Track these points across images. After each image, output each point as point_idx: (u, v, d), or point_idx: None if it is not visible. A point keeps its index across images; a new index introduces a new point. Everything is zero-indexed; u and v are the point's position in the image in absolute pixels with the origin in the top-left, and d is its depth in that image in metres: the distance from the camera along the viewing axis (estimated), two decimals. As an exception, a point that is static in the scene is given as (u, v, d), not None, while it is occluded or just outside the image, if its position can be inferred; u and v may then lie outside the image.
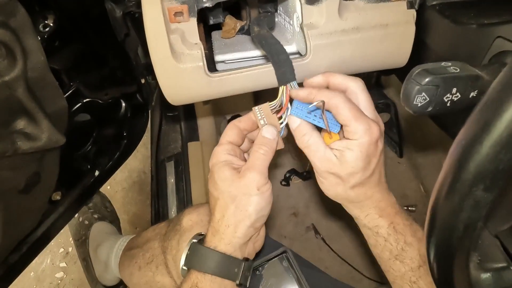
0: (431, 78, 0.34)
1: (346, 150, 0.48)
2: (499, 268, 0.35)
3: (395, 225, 0.52)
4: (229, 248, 0.51)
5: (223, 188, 0.51)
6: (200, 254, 0.52)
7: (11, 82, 0.56)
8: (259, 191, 0.50)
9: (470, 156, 0.25)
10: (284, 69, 0.50)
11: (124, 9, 0.77)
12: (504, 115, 0.23)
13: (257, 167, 0.51)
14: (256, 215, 0.51)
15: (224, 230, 0.51)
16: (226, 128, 0.55)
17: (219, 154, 0.53)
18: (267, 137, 0.52)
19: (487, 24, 0.45)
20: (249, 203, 0.50)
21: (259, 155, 0.51)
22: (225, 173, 0.51)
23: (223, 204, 0.51)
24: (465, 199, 0.27)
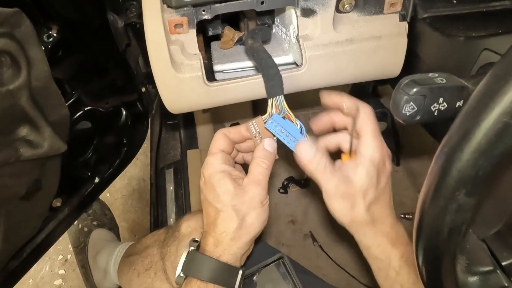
0: (419, 88, 0.36)
1: (358, 166, 0.49)
2: (486, 272, 0.36)
3: (407, 257, 0.51)
4: (232, 258, 0.52)
5: (226, 201, 0.50)
6: (200, 262, 0.52)
7: (15, 91, 0.58)
8: (261, 203, 0.51)
9: (452, 163, 0.27)
10: (273, 83, 0.51)
11: (126, 20, 0.79)
12: (482, 124, 0.25)
13: (261, 182, 0.51)
14: (260, 228, 0.52)
15: (228, 242, 0.51)
16: (214, 137, 0.54)
17: (214, 164, 0.52)
18: (268, 150, 0.53)
19: (474, 36, 0.46)
20: (255, 217, 0.51)
21: (262, 170, 0.51)
22: (227, 186, 0.50)
23: (228, 217, 0.51)
24: (449, 204, 0.28)
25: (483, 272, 0.36)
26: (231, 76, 0.63)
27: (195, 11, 0.52)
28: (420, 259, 0.34)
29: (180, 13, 0.52)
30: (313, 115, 1.21)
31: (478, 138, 0.25)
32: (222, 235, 0.51)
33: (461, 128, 0.26)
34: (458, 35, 0.48)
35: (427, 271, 0.34)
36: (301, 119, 0.55)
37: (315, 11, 0.54)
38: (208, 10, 0.52)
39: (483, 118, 0.24)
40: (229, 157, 0.54)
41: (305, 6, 0.54)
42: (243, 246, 0.52)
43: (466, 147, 0.25)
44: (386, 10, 0.56)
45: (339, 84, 0.61)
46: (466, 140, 0.25)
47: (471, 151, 0.25)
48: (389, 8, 0.56)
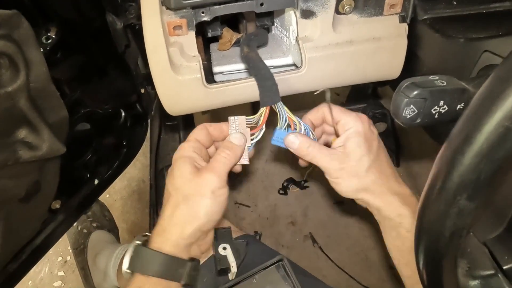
0: (419, 91, 0.35)
1: (346, 141, 0.52)
2: (487, 276, 0.36)
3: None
4: (174, 249, 0.50)
5: (178, 184, 0.50)
6: (144, 257, 0.50)
7: (14, 93, 0.58)
8: (213, 194, 0.49)
9: (453, 166, 0.27)
10: (268, 93, 0.52)
11: (125, 21, 0.78)
12: (484, 128, 0.24)
13: (216, 169, 0.50)
14: (206, 218, 0.50)
15: (170, 228, 0.50)
16: (195, 128, 0.55)
17: (184, 150, 0.52)
18: (233, 142, 0.53)
19: (475, 38, 0.46)
20: (201, 205, 0.49)
21: (220, 158, 0.51)
22: (184, 169, 0.50)
23: (175, 201, 0.50)
24: (450, 207, 0.28)
25: (484, 276, 0.36)
26: (231, 77, 0.63)
27: (194, 13, 0.52)
28: (420, 262, 0.34)
29: (179, 15, 0.51)
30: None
31: (480, 142, 0.25)
32: (166, 220, 0.51)
33: (462, 132, 0.26)
34: (458, 37, 0.48)
35: (428, 275, 0.34)
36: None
37: (314, 13, 0.54)
38: (207, 12, 0.52)
39: (485, 122, 0.24)
40: (202, 148, 0.54)
41: (305, 7, 0.54)
42: (187, 236, 0.50)
43: (468, 151, 0.25)
44: (386, 11, 0.56)
45: (339, 85, 0.61)
46: (467, 144, 0.25)
47: (473, 155, 0.25)
48: (389, 10, 0.56)
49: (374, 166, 0.52)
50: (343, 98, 1.40)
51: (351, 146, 0.52)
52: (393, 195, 0.53)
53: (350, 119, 0.53)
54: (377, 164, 0.53)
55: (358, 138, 0.52)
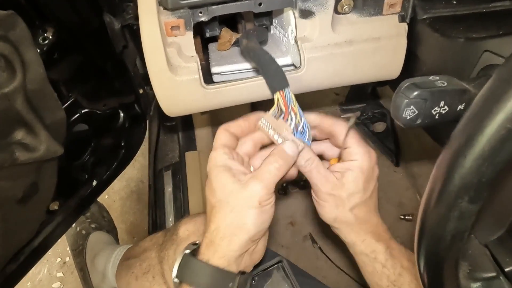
0: (419, 91, 0.35)
1: (347, 171, 0.50)
2: (489, 278, 0.36)
3: (391, 250, 0.52)
4: (223, 262, 0.48)
5: (221, 196, 0.48)
6: (192, 268, 0.50)
7: (10, 94, 0.57)
8: (260, 204, 0.47)
9: (455, 169, 0.26)
10: (276, 77, 0.50)
11: (123, 22, 0.78)
12: (486, 130, 0.24)
13: (265, 180, 0.47)
14: (255, 230, 0.48)
15: (219, 242, 0.48)
16: (217, 133, 0.52)
17: (216, 158, 0.49)
18: (287, 152, 0.48)
19: (475, 38, 0.46)
20: (248, 216, 0.47)
21: (272, 169, 0.47)
22: (223, 180, 0.47)
23: (220, 213, 0.48)
24: (451, 210, 0.27)
25: (485, 278, 0.35)
26: (229, 78, 0.62)
27: (192, 13, 0.51)
28: (421, 265, 0.33)
29: (177, 15, 0.51)
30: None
31: (481, 144, 0.24)
32: (213, 233, 0.49)
33: (463, 133, 0.26)
34: (458, 37, 0.48)
35: (429, 278, 0.34)
36: None
37: (313, 13, 0.54)
38: (205, 12, 0.52)
39: (487, 124, 0.24)
40: (232, 152, 0.51)
41: (303, 7, 0.53)
42: (236, 248, 0.48)
43: (469, 154, 0.25)
44: (385, 11, 0.56)
45: (338, 86, 0.61)
46: (469, 146, 0.25)
47: (474, 157, 0.25)
48: (388, 9, 0.56)
49: (362, 206, 0.52)
50: (342, 97, 1.40)
51: (349, 179, 0.50)
52: (367, 233, 0.53)
53: (359, 151, 0.51)
54: (366, 205, 0.52)
55: (359, 175, 0.50)
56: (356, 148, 0.51)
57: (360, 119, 1.34)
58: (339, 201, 0.51)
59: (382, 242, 0.53)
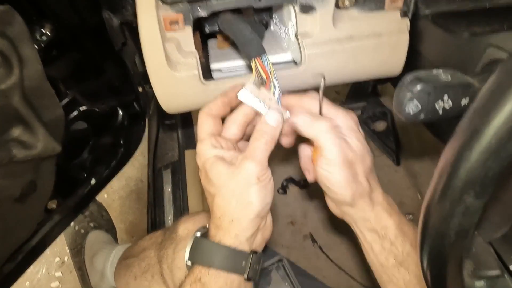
0: (423, 85, 0.34)
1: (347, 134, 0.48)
2: (493, 276, 0.35)
3: (402, 226, 0.50)
4: (235, 241, 0.48)
5: (219, 183, 0.47)
6: (203, 248, 0.49)
7: (7, 91, 0.57)
8: (259, 180, 0.46)
9: (460, 163, 0.25)
10: (251, 43, 0.49)
11: (122, 19, 0.77)
12: (492, 123, 0.23)
13: (257, 157, 0.47)
14: (261, 205, 0.47)
15: (227, 225, 0.48)
16: (199, 120, 0.50)
17: (204, 151, 0.49)
18: (270, 124, 0.48)
19: (479, 33, 0.45)
20: (251, 194, 0.46)
21: (260, 145, 0.47)
22: (218, 168, 0.47)
23: (222, 200, 0.48)
24: (456, 206, 0.27)
25: (490, 277, 0.35)
26: (229, 74, 0.61)
27: (191, 8, 0.51)
28: (425, 263, 0.33)
29: (176, 9, 0.50)
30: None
31: (488, 137, 0.23)
32: (220, 219, 0.48)
33: (469, 126, 0.25)
34: (462, 32, 0.47)
35: (432, 276, 0.33)
36: None
37: (314, 8, 0.53)
38: (204, 7, 0.51)
39: (493, 117, 0.23)
40: (218, 139, 0.50)
41: (304, 2, 0.53)
42: (246, 228, 0.48)
43: (475, 147, 0.24)
44: (387, 6, 0.55)
45: (339, 82, 0.60)
46: (475, 140, 0.24)
47: (481, 151, 0.24)
48: (390, 4, 0.55)
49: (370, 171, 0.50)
50: (342, 96, 1.39)
51: (353, 142, 0.48)
52: (379, 205, 0.50)
53: (339, 114, 0.49)
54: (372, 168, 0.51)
55: (357, 134, 0.48)
56: (334, 112, 0.49)
57: (360, 118, 1.34)
58: (355, 169, 0.48)
59: (393, 217, 0.50)
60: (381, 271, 0.52)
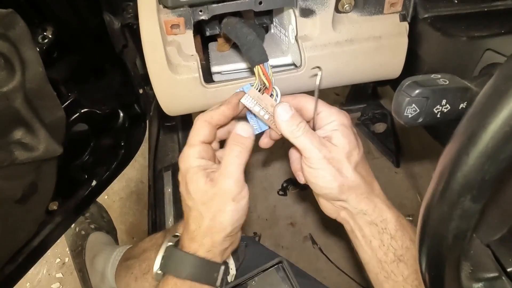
0: (421, 90, 0.35)
1: (332, 132, 0.49)
2: (491, 278, 0.35)
3: (401, 219, 0.50)
4: (208, 254, 0.49)
5: (196, 198, 0.48)
6: (178, 259, 0.49)
7: (9, 93, 0.57)
8: (234, 201, 0.47)
9: (457, 167, 0.26)
10: (255, 49, 0.49)
11: (122, 21, 0.78)
12: (489, 127, 0.24)
13: (231, 174, 0.47)
14: (232, 227, 0.48)
15: (201, 239, 0.49)
16: (195, 125, 0.49)
17: (190, 158, 0.48)
18: (241, 135, 0.48)
19: (477, 36, 0.46)
20: (224, 216, 0.47)
21: (233, 160, 0.47)
22: (198, 183, 0.47)
23: (198, 215, 0.48)
24: (454, 209, 0.27)
25: (488, 279, 0.35)
26: (229, 77, 0.62)
27: (192, 12, 0.51)
28: (423, 265, 0.33)
29: (177, 13, 0.51)
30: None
31: (485, 141, 0.24)
32: (194, 232, 0.49)
33: (467, 131, 0.25)
34: (460, 35, 0.47)
35: (431, 278, 0.34)
36: None
37: (314, 11, 0.54)
38: (205, 11, 0.51)
39: (490, 121, 0.23)
40: (208, 149, 0.50)
41: (304, 6, 0.53)
42: (218, 244, 0.49)
43: (472, 151, 0.24)
44: (386, 10, 0.56)
45: (339, 85, 0.60)
46: (472, 144, 0.24)
47: (477, 155, 0.24)
48: (389, 8, 0.55)
49: (362, 163, 0.50)
50: (342, 98, 1.39)
51: (339, 138, 0.48)
52: (377, 197, 0.50)
53: (333, 111, 0.50)
54: (365, 163, 0.51)
55: (346, 130, 0.49)
56: (329, 110, 0.50)
57: (360, 119, 1.34)
58: (340, 164, 0.47)
59: (392, 210, 0.50)
60: (379, 267, 0.51)
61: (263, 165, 1.33)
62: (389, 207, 0.51)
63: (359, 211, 0.50)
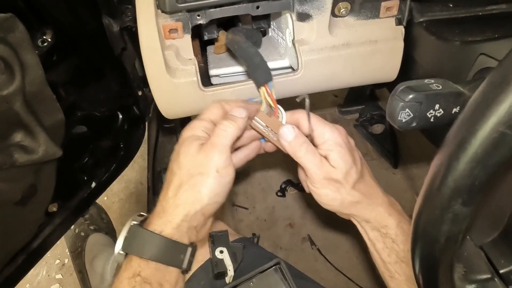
0: (414, 95, 0.35)
1: (328, 153, 0.49)
2: (484, 280, 0.36)
3: (403, 224, 0.52)
4: (176, 232, 0.47)
5: (183, 163, 0.47)
6: (141, 238, 0.47)
7: (9, 96, 0.57)
8: (218, 173, 0.46)
9: (448, 172, 0.26)
10: (260, 70, 0.50)
11: (121, 24, 0.78)
12: (478, 133, 0.24)
13: (218, 145, 0.46)
14: (208, 200, 0.47)
15: (172, 210, 0.47)
16: (210, 105, 0.51)
17: (194, 129, 0.49)
18: (234, 114, 0.49)
19: (470, 41, 0.46)
20: (204, 184, 0.46)
21: (222, 132, 0.47)
22: (190, 148, 0.47)
23: (179, 181, 0.47)
24: (445, 213, 0.28)
25: (480, 280, 0.36)
26: (227, 80, 0.62)
27: (190, 16, 0.52)
28: (417, 267, 0.33)
29: (175, 18, 0.51)
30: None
31: (474, 147, 0.24)
32: (169, 200, 0.47)
33: (456, 137, 0.26)
34: (454, 40, 0.48)
35: (424, 280, 0.34)
36: None
37: (310, 16, 0.54)
38: (203, 15, 0.52)
39: (479, 128, 0.24)
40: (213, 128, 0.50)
41: (301, 10, 0.54)
42: (190, 219, 0.47)
43: (462, 157, 0.25)
44: (382, 14, 0.56)
45: (336, 88, 0.61)
46: (462, 150, 0.25)
47: (467, 160, 0.25)
48: (385, 12, 0.56)
49: (361, 180, 0.51)
50: (341, 99, 1.40)
51: (336, 159, 0.49)
52: (379, 206, 0.52)
53: (326, 129, 0.50)
54: (364, 177, 0.52)
55: (341, 150, 0.49)
56: (322, 128, 0.50)
57: (358, 121, 1.35)
58: (338, 184, 0.49)
59: (393, 216, 0.52)
60: (384, 267, 0.54)
61: (262, 166, 1.34)
62: (390, 214, 0.52)
63: (362, 219, 0.53)
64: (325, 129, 0.50)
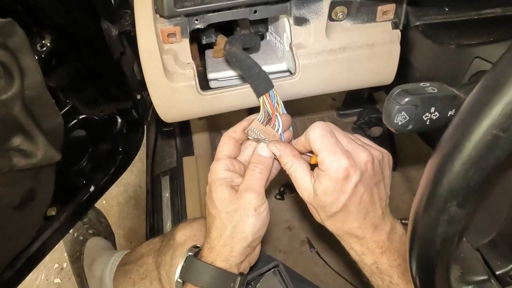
0: (410, 98, 0.36)
1: (316, 180, 0.47)
2: (480, 281, 0.36)
3: (379, 265, 0.50)
4: (225, 265, 0.52)
5: (220, 208, 0.51)
6: (196, 268, 0.53)
7: (8, 101, 0.58)
8: (256, 212, 0.50)
9: (443, 174, 0.27)
10: (259, 80, 0.51)
11: (120, 28, 0.79)
12: (472, 136, 0.25)
13: (254, 187, 0.50)
14: (253, 237, 0.51)
15: (220, 249, 0.51)
16: (221, 141, 0.53)
17: (218, 171, 0.52)
18: (262, 155, 0.52)
19: (466, 44, 0.47)
20: (246, 225, 0.50)
21: (256, 175, 0.51)
22: (223, 193, 0.51)
23: (220, 224, 0.51)
24: (441, 215, 0.28)
25: (477, 282, 0.36)
26: (226, 84, 0.63)
27: (188, 21, 0.52)
28: (413, 269, 0.34)
29: (173, 22, 0.52)
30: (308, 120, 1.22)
31: (468, 150, 0.25)
32: (214, 241, 0.52)
33: (451, 139, 0.26)
34: (449, 43, 0.49)
35: (421, 281, 0.34)
36: (297, 125, 0.55)
37: (308, 20, 0.55)
38: (201, 20, 0.52)
39: (473, 130, 0.24)
40: (234, 162, 0.53)
41: (298, 14, 0.54)
42: (237, 255, 0.51)
43: (457, 159, 0.25)
44: (379, 18, 0.57)
45: (333, 91, 0.61)
46: (456, 152, 0.25)
47: (462, 163, 0.25)
48: (381, 16, 0.56)
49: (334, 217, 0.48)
50: (339, 102, 1.40)
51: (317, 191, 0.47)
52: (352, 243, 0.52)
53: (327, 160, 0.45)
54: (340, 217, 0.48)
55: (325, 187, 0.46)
56: (322, 155, 0.45)
57: (357, 123, 1.35)
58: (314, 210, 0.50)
59: (367, 256, 0.51)
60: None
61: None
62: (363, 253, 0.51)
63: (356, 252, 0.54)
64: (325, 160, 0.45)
